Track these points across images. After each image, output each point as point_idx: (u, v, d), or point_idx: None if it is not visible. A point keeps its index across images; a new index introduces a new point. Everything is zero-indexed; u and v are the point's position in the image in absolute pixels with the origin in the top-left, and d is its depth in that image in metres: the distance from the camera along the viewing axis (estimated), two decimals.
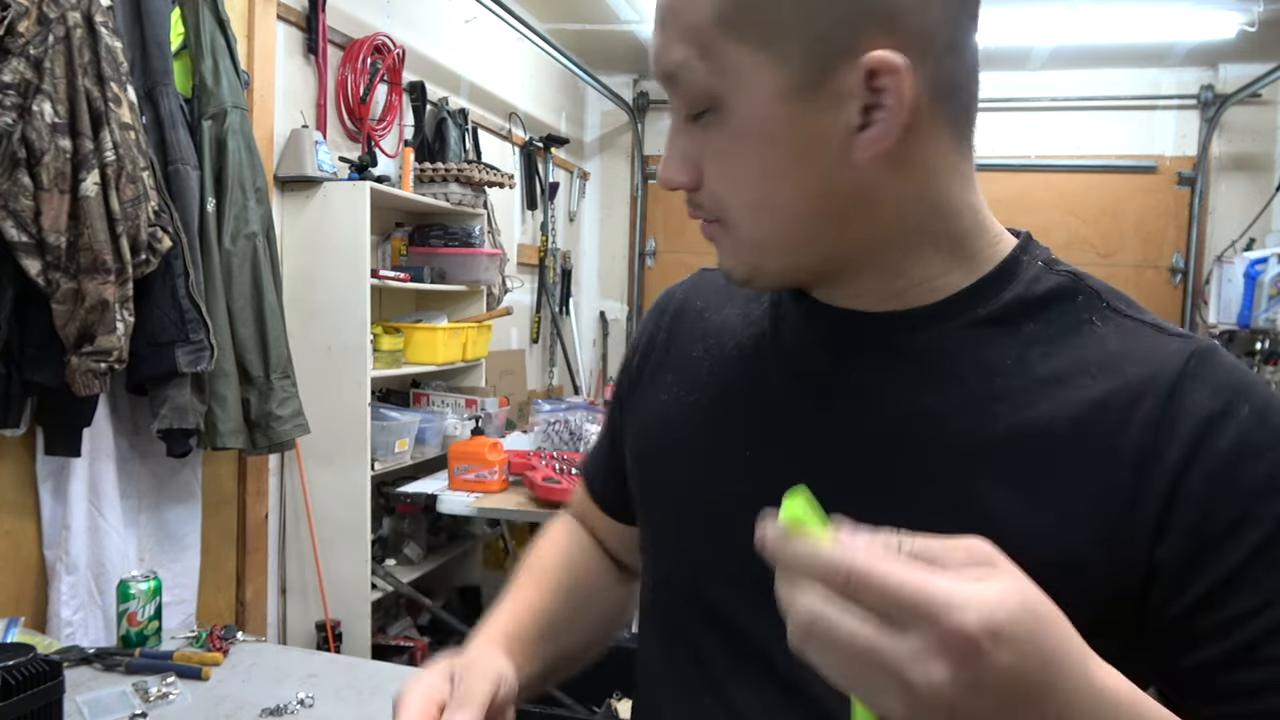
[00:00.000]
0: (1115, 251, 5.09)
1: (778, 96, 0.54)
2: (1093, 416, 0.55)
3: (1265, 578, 0.50)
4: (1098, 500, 0.53)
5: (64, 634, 1.94)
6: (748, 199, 0.58)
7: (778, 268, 0.61)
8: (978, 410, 0.57)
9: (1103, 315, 0.59)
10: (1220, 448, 0.52)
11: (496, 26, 3.85)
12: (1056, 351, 0.57)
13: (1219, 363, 0.56)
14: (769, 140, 0.55)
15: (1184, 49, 4.59)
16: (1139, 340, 0.57)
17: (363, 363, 2.74)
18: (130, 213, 1.84)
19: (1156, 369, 0.55)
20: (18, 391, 1.80)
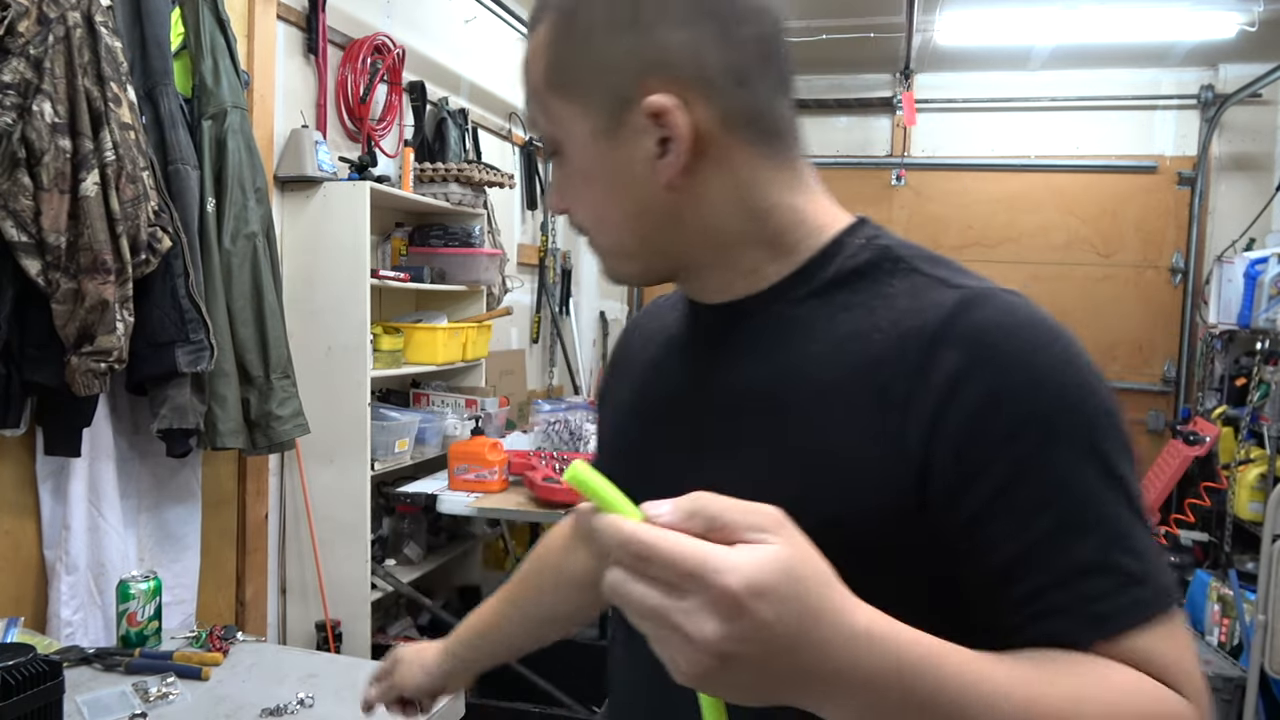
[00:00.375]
0: (1115, 251, 5.09)
1: (590, 138, 0.69)
2: (874, 369, 0.63)
3: (1004, 515, 0.59)
4: (878, 446, 0.62)
5: (64, 634, 1.94)
6: (591, 218, 0.73)
7: (630, 270, 0.75)
8: (794, 376, 0.67)
9: (902, 275, 0.67)
10: (969, 395, 0.59)
11: (496, 26, 3.85)
12: (855, 315, 0.67)
13: (981, 312, 0.62)
14: (591, 173, 0.70)
15: (1184, 49, 4.59)
16: (923, 294, 0.65)
17: (363, 363, 2.74)
18: (130, 213, 1.84)
19: (927, 319, 0.62)
20: (18, 391, 1.79)
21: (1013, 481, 0.59)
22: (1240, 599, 3.29)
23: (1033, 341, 0.60)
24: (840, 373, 0.64)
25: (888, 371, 0.62)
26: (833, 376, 0.65)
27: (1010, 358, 0.60)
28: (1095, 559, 0.58)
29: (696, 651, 0.45)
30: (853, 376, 0.64)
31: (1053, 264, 5.10)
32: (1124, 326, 5.09)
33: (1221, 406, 4.31)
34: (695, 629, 0.44)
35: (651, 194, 0.68)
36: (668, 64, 0.65)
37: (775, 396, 0.67)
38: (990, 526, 0.59)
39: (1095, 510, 0.58)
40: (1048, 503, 0.58)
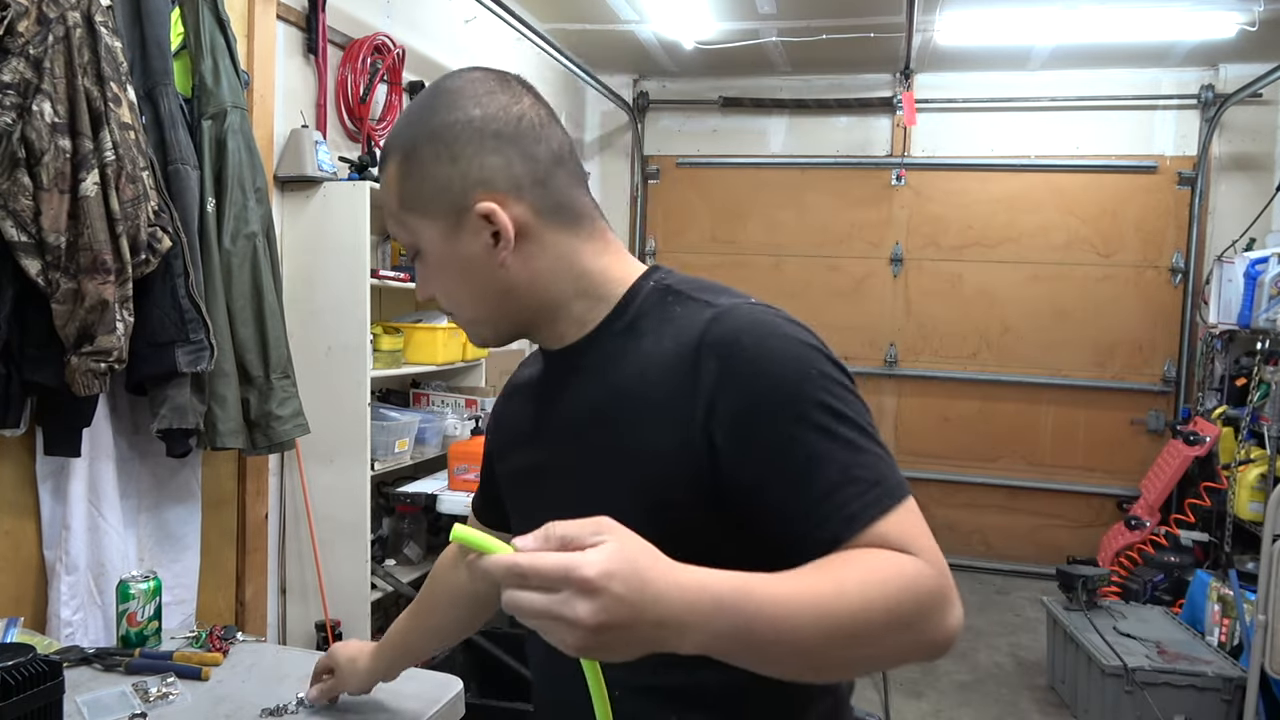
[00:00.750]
0: (1115, 251, 5.09)
1: (440, 240, 0.91)
2: (666, 379, 0.84)
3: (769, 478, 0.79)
4: (678, 440, 0.82)
5: (64, 634, 1.94)
6: (449, 299, 0.95)
7: (486, 333, 0.97)
8: (616, 393, 0.88)
9: (681, 303, 0.89)
10: (724, 392, 0.80)
11: (496, 26, 3.85)
12: (650, 339, 0.88)
13: (722, 325, 0.83)
14: (445, 264, 0.92)
15: (1184, 49, 4.59)
16: (693, 315, 0.86)
17: (363, 363, 2.74)
18: (130, 213, 1.84)
19: (692, 335, 0.84)
20: (18, 391, 1.79)
21: (766, 451, 0.79)
22: (1240, 599, 3.29)
23: (755, 340, 0.81)
24: (646, 386, 0.85)
25: (674, 380, 0.83)
26: (641, 389, 0.86)
27: (740, 357, 0.81)
28: (837, 479, 0.76)
29: (575, 630, 0.62)
30: (655, 387, 0.84)
31: (1053, 264, 5.11)
32: (1124, 326, 5.09)
33: (1221, 406, 4.31)
34: (571, 613, 0.62)
35: (492, 274, 0.90)
36: (487, 181, 0.88)
37: (605, 412, 0.89)
38: (764, 491, 0.79)
39: (828, 447, 0.77)
40: (793, 458, 0.78)
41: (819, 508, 0.76)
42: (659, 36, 4.69)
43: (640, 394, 0.86)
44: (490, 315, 0.94)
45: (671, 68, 5.25)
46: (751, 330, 0.82)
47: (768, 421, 0.79)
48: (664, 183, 5.66)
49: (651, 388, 0.85)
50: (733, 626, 0.67)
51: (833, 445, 0.77)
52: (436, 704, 1.53)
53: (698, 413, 0.81)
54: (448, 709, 1.55)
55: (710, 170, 5.55)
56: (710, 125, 5.52)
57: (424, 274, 0.96)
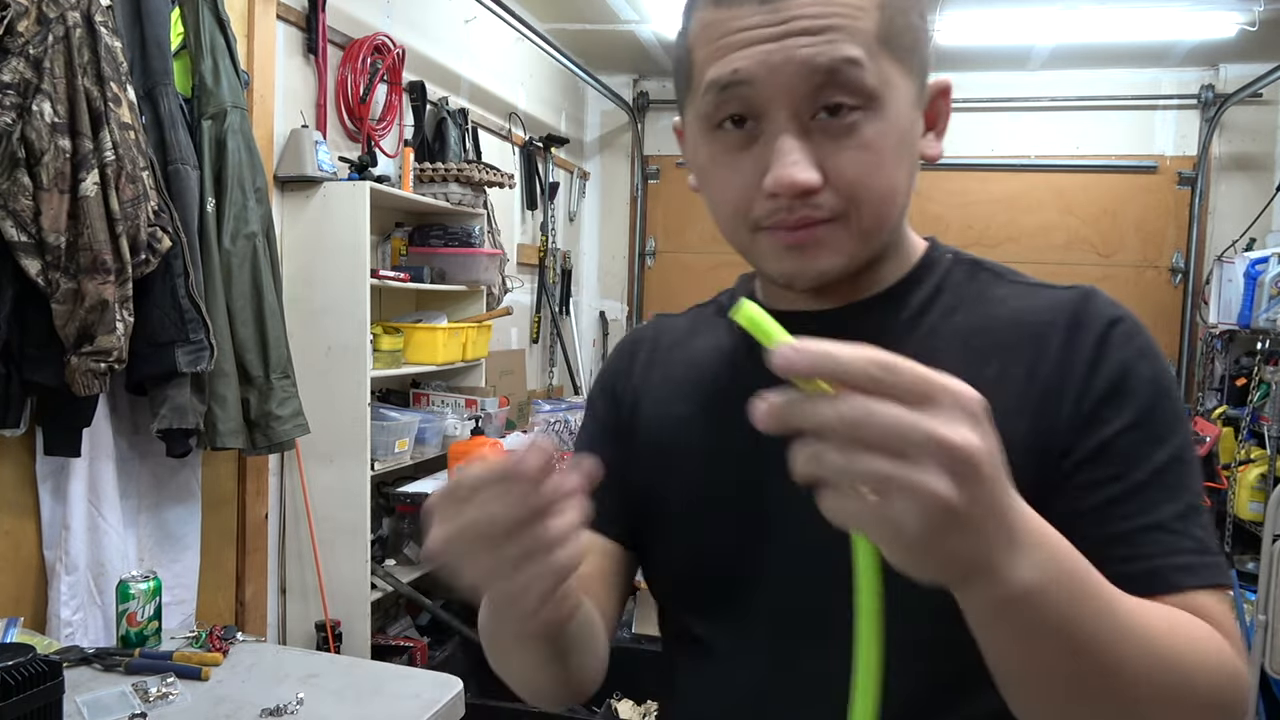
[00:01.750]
0: (1115, 251, 5.09)
1: (908, 102, 0.68)
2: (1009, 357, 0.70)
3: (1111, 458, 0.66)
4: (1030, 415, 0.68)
5: (64, 634, 1.94)
6: (882, 187, 0.67)
7: (864, 257, 0.71)
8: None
9: (1002, 283, 0.76)
10: (1106, 365, 0.68)
11: (496, 26, 3.85)
12: (967, 316, 0.74)
13: (1100, 301, 0.71)
14: (904, 137, 0.68)
15: (1184, 49, 4.59)
16: (1032, 294, 0.74)
17: (363, 363, 2.74)
18: (130, 213, 1.84)
19: (1050, 312, 0.71)
20: (18, 391, 1.79)
21: (1131, 431, 0.66)
22: (1240, 599, 3.29)
23: (1129, 321, 0.70)
24: (979, 366, 0.68)
25: (1021, 361, 0.69)
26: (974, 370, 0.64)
27: (1127, 337, 0.69)
28: (1178, 521, 0.65)
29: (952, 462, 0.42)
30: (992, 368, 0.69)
31: (1053, 264, 5.10)
32: None
33: (1222, 406, 4.31)
34: (953, 435, 0.42)
35: (913, 169, 0.71)
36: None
37: None
38: (1098, 488, 0.65)
39: (1182, 478, 0.66)
40: (1145, 469, 0.65)
41: (1149, 535, 0.64)
42: (659, 36, 4.69)
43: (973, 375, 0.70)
44: (893, 224, 0.71)
45: (671, 68, 5.24)
46: (1131, 319, 0.71)
47: (1146, 406, 0.67)
48: (664, 183, 5.66)
49: (987, 369, 0.69)
50: (1067, 580, 0.51)
51: (1187, 481, 0.66)
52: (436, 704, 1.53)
53: (1068, 390, 0.68)
54: (448, 709, 1.55)
55: None
56: None
57: (829, 142, 0.66)
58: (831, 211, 0.66)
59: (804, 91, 0.64)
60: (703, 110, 0.68)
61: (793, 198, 0.65)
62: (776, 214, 0.67)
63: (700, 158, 0.71)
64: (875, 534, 0.44)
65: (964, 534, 0.44)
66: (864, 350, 0.42)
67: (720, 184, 0.70)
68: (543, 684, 0.74)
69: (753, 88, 0.65)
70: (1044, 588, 0.49)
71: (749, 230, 0.69)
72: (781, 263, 0.69)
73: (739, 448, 0.73)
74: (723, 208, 0.71)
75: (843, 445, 0.42)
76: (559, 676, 0.72)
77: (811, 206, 0.66)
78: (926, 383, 0.42)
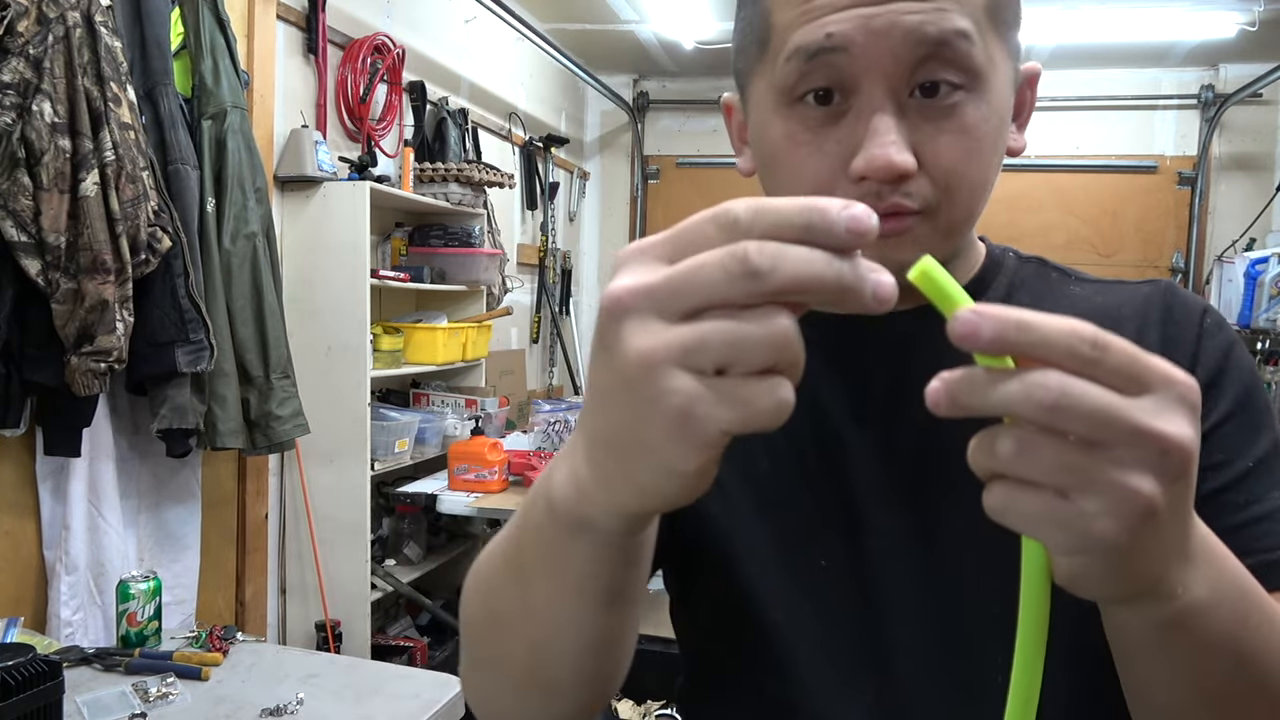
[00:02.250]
0: (1115, 251, 5.09)
1: (1007, 85, 0.62)
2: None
3: (1224, 442, 0.62)
4: None
5: (64, 634, 1.94)
6: (975, 178, 0.61)
7: (945, 254, 0.63)
8: None
9: (1073, 281, 0.72)
10: (1207, 355, 0.64)
11: (496, 26, 3.85)
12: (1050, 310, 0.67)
13: (1184, 292, 0.69)
14: (1002, 123, 0.62)
15: (1184, 49, 4.59)
16: (1108, 291, 0.70)
17: (363, 363, 2.74)
18: (130, 213, 1.84)
19: (1146, 306, 0.67)
20: (18, 391, 1.79)
21: (1232, 419, 0.63)
22: None
23: (1221, 315, 0.68)
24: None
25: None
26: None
27: (1218, 326, 0.66)
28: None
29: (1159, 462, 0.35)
30: None
31: None
32: None
33: None
34: (1167, 426, 0.35)
35: (1000, 154, 0.63)
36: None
37: None
38: (1206, 480, 0.59)
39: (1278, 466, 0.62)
40: (1253, 445, 0.62)
41: (1261, 526, 0.60)
42: (659, 36, 4.69)
43: None
44: (975, 214, 0.65)
45: (671, 68, 5.24)
46: (1213, 310, 0.68)
47: (1246, 393, 0.64)
48: (664, 183, 5.66)
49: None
50: (1235, 595, 0.46)
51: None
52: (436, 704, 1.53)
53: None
54: (448, 709, 1.56)
55: (710, 170, 5.55)
56: (710, 125, 5.51)
57: (926, 124, 0.59)
58: (923, 202, 0.59)
59: (907, 63, 0.57)
60: (781, 80, 0.59)
61: (884, 183, 0.58)
62: (864, 199, 0.55)
63: (772, 134, 0.62)
64: (1055, 539, 0.37)
65: (1157, 542, 0.38)
66: (1066, 321, 0.35)
67: (796, 166, 0.61)
68: (580, 649, 0.52)
69: (848, 56, 0.57)
70: (1216, 605, 0.44)
71: None
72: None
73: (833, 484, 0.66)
74: (797, 193, 0.62)
75: (1031, 431, 0.36)
76: (608, 635, 0.53)
77: (903, 194, 0.58)
78: (1141, 364, 0.36)
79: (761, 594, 0.67)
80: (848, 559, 0.65)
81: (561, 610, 0.50)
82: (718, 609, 0.72)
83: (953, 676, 0.64)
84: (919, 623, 0.64)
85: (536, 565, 0.49)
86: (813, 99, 0.59)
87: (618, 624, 0.52)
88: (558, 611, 0.50)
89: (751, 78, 0.64)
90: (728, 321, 0.35)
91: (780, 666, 0.67)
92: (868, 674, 0.65)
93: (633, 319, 0.36)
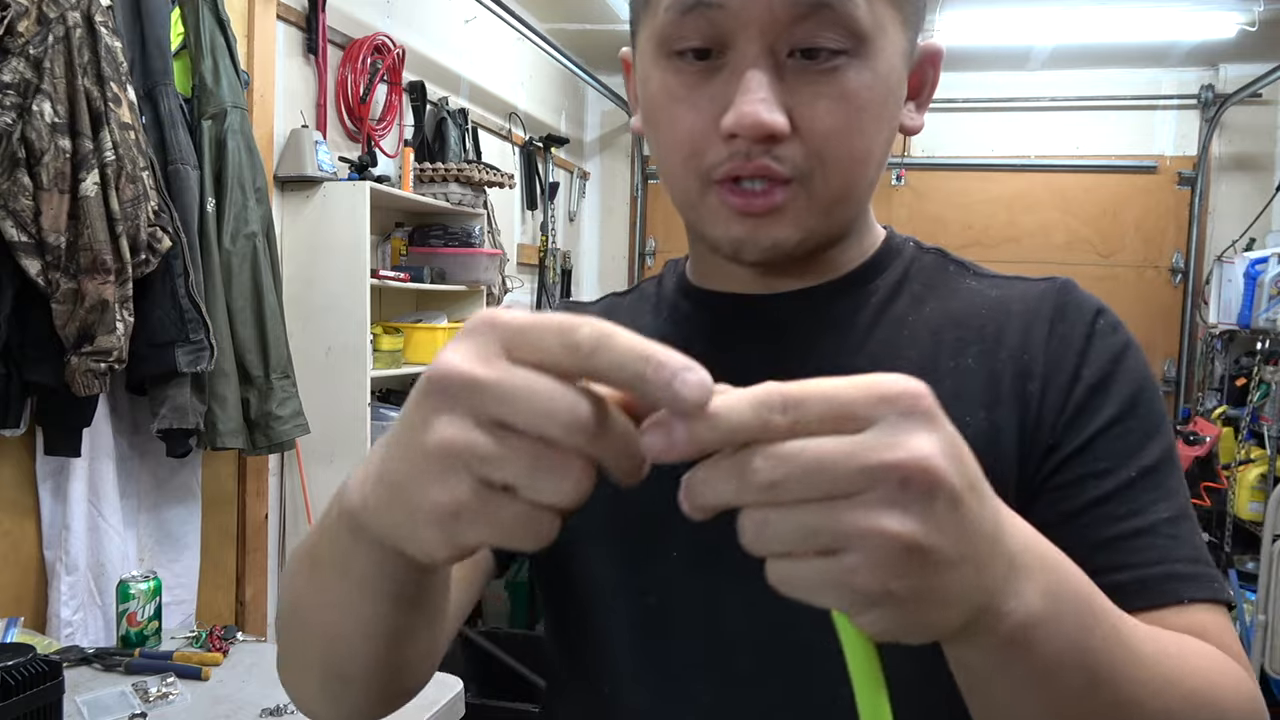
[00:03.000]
0: (1115, 251, 5.09)
1: (899, 56, 0.59)
2: (982, 350, 0.63)
3: (1102, 454, 0.60)
4: (1016, 408, 0.61)
5: (64, 634, 1.94)
6: (854, 148, 0.58)
7: (823, 232, 0.62)
8: (892, 357, 0.63)
9: (969, 274, 0.70)
10: (1094, 356, 0.62)
11: (496, 26, 3.85)
12: (936, 307, 0.67)
13: (1080, 291, 0.67)
14: (888, 95, 0.59)
15: (1184, 49, 4.59)
16: (1005, 286, 0.68)
17: (362, 363, 2.74)
18: (130, 213, 1.84)
19: (1038, 303, 0.65)
20: (17, 391, 1.79)
21: (1118, 424, 0.60)
22: (1240, 599, 3.29)
23: (1117, 317, 0.65)
24: (943, 359, 0.63)
25: (1013, 346, 0.63)
26: (942, 364, 0.63)
27: (1112, 328, 0.64)
28: (1169, 526, 0.58)
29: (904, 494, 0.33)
30: (967, 353, 0.63)
31: (1053, 264, 5.10)
32: None
33: (1221, 407, 4.31)
34: (892, 452, 0.33)
35: (890, 134, 0.61)
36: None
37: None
38: (1080, 492, 0.59)
39: (1172, 480, 0.60)
40: (1139, 453, 0.60)
41: (1142, 540, 0.57)
42: None
43: (947, 366, 0.63)
44: (860, 195, 0.63)
45: None
46: (1111, 310, 0.66)
47: (1132, 399, 0.61)
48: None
49: (962, 359, 0.63)
50: (1077, 602, 0.43)
51: (1175, 483, 0.60)
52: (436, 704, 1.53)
53: (1053, 381, 0.61)
54: (447, 709, 1.56)
55: None
56: None
57: (804, 88, 0.56)
58: (794, 169, 0.57)
59: (784, 21, 0.54)
60: (660, 30, 0.58)
61: (754, 141, 0.56)
62: (732, 159, 0.57)
63: (651, 88, 0.60)
64: (835, 601, 0.35)
65: (944, 572, 0.34)
66: (748, 395, 0.33)
67: (671, 122, 0.59)
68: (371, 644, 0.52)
69: (724, 11, 0.55)
70: (1056, 616, 0.41)
71: (699, 182, 0.60)
72: (730, 228, 0.59)
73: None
74: (671, 152, 0.61)
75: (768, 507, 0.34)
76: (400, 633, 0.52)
77: (772, 157, 0.56)
78: (846, 401, 0.33)
79: (599, 585, 0.66)
80: (691, 548, 0.62)
81: (349, 606, 0.49)
82: (551, 595, 0.71)
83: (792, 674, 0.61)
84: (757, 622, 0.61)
85: (328, 561, 0.49)
86: (691, 55, 0.57)
87: (409, 623, 0.51)
88: (346, 607, 0.50)
89: (638, 31, 0.63)
90: (531, 454, 0.34)
91: (614, 664, 0.66)
92: (703, 673, 0.63)
93: (449, 403, 0.35)
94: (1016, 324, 0.64)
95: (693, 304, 0.69)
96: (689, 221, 0.65)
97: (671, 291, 0.72)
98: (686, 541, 0.62)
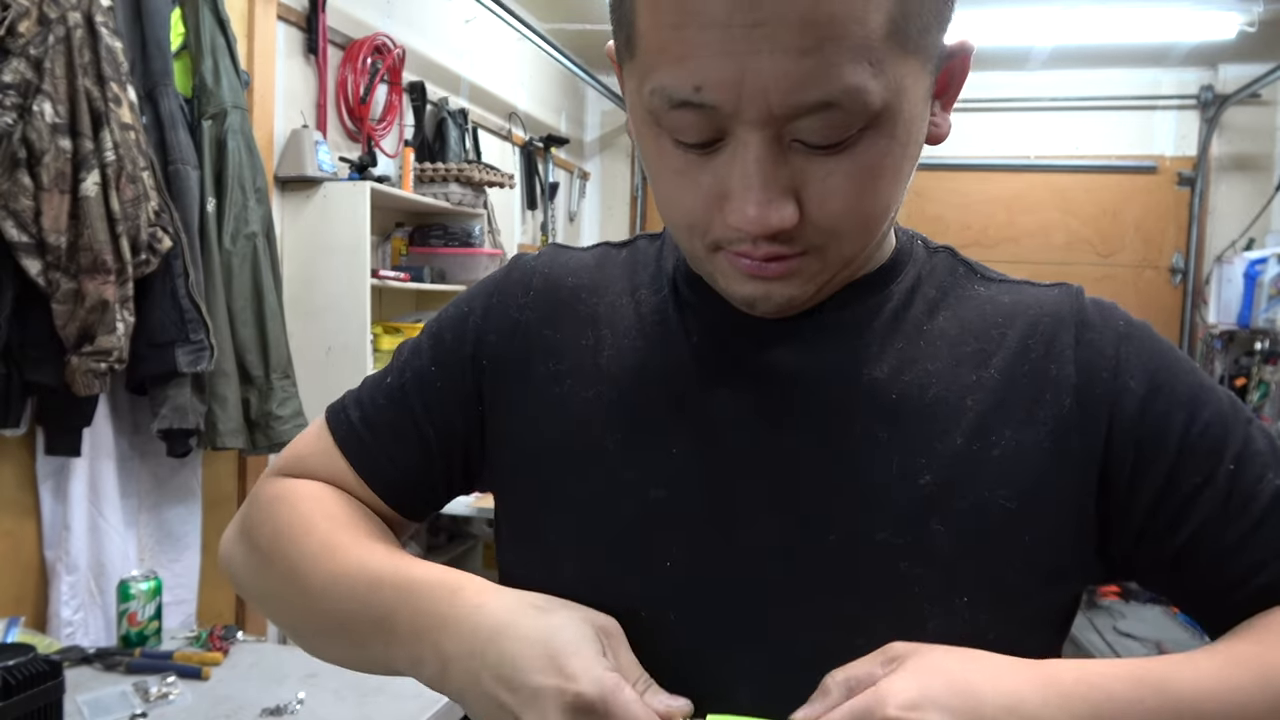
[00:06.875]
0: (1115, 252, 5.09)
1: (922, 100, 0.54)
2: (1016, 361, 0.60)
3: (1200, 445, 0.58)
4: (1048, 432, 0.58)
5: (64, 634, 1.94)
6: (872, 213, 0.55)
7: (841, 280, 0.61)
8: (907, 372, 0.60)
9: (983, 282, 0.66)
10: (1131, 376, 0.58)
11: (496, 26, 3.85)
12: (950, 318, 0.63)
13: (1094, 297, 0.63)
14: (910, 145, 0.54)
15: (1184, 49, 4.59)
16: (1020, 292, 0.64)
17: (363, 363, 2.74)
18: (130, 213, 1.85)
19: (1052, 308, 0.62)
20: (18, 391, 1.80)
21: (1191, 428, 0.58)
22: None
23: (1134, 318, 0.63)
24: (971, 368, 0.60)
25: (1036, 361, 0.60)
26: (966, 380, 0.60)
27: (1142, 329, 0.61)
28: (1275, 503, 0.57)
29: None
30: (989, 366, 0.60)
31: (1052, 264, 5.11)
32: None
33: None
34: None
35: (912, 172, 0.57)
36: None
37: (896, 407, 0.59)
38: (1188, 516, 0.57)
39: (1259, 439, 0.59)
40: (1226, 441, 0.58)
41: (1267, 530, 0.56)
42: None
43: (963, 382, 0.59)
44: (873, 240, 0.58)
45: None
46: (1130, 317, 0.63)
47: (1193, 418, 0.58)
48: None
49: (984, 372, 0.60)
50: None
51: (1262, 440, 0.59)
52: (436, 704, 1.53)
53: (1085, 403, 0.58)
54: (448, 709, 1.56)
55: None
56: None
57: (812, 168, 0.52)
58: (806, 246, 0.54)
59: (785, 119, 0.50)
60: (647, 105, 0.53)
61: (758, 238, 0.53)
62: (739, 244, 0.54)
63: (645, 145, 0.56)
64: None
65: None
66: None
67: (671, 192, 0.56)
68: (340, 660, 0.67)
69: (718, 113, 0.50)
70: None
71: (705, 247, 0.57)
72: (743, 286, 0.57)
73: (662, 450, 0.61)
74: (673, 217, 0.57)
75: None
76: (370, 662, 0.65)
77: (782, 242, 0.53)
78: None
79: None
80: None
81: (348, 654, 0.65)
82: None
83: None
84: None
85: (351, 633, 0.63)
86: (686, 145, 0.53)
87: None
88: (344, 652, 0.65)
89: (624, 60, 0.58)
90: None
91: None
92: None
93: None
94: (1038, 332, 0.61)
95: (697, 295, 0.64)
96: (700, 271, 0.62)
97: (673, 270, 0.67)
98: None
